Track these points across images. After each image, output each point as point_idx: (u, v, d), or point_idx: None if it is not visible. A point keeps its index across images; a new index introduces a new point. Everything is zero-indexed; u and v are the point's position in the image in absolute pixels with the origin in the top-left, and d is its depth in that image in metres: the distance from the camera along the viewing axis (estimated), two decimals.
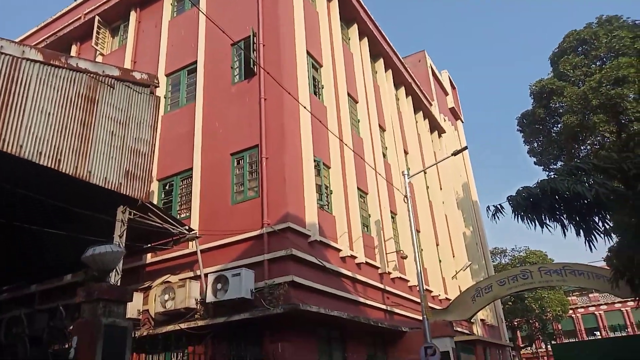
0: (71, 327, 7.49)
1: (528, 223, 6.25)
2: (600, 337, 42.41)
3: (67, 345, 7.20)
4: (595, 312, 49.99)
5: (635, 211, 6.45)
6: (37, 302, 16.16)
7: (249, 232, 12.72)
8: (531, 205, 6.17)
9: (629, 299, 19.22)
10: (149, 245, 13.13)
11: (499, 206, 6.43)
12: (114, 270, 9.78)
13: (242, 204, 13.49)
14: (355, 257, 15.03)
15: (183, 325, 11.69)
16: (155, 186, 15.02)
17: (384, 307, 15.87)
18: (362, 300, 14.60)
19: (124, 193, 10.92)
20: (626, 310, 47.37)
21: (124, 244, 10.61)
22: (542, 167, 21.57)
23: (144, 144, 11.63)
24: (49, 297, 15.93)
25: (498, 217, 6.35)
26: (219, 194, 13.83)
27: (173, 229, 12.34)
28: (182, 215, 14.25)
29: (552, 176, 7.44)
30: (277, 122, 13.62)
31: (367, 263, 15.60)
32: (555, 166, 20.16)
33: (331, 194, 15.29)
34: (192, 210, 14.06)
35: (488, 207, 6.43)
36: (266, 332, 11.52)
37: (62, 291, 13.47)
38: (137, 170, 11.35)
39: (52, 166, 9.45)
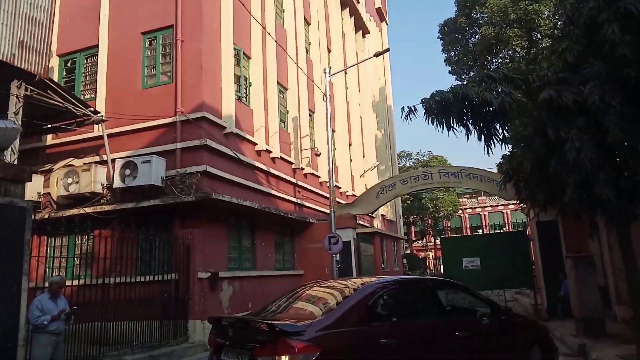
0: None
1: (437, 125, 6.58)
2: (481, 233, 47.91)
3: None
4: (481, 213, 55.88)
5: (532, 121, 7.01)
6: None
7: (161, 119, 12.20)
8: (442, 108, 6.45)
9: (512, 202, 21.64)
10: (49, 125, 12.19)
11: (412, 107, 6.66)
12: (10, 149, 9.05)
13: (154, 88, 12.75)
14: (270, 152, 15.15)
15: (88, 210, 11.37)
16: (55, 62, 13.62)
17: (294, 200, 16.48)
18: (274, 192, 15.00)
19: (19, 66, 9.81)
20: (506, 212, 53.41)
21: (19, 122, 9.77)
22: (456, 76, 22.38)
23: (41, 11, 10.31)
24: None
25: (410, 118, 6.62)
26: (128, 76, 12.90)
27: (76, 109, 11.48)
28: (86, 97, 13.23)
29: (465, 83, 7.78)
30: (195, 2, 12.59)
31: (281, 158, 15.83)
32: (467, 76, 20.98)
33: (250, 86, 14.88)
34: (98, 91, 13.07)
35: (403, 107, 6.63)
36: (177, 218, 11.59)
37: None
38: (34, 42, 10.16)
39: None
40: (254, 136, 14.36)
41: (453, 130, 6.70)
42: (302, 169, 17.44)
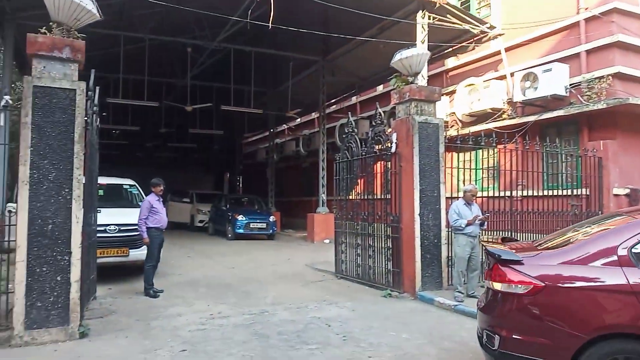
0: (389, 130, 8.40)
1: None
2: None
3: (387, 145, 8.18)
4: None
5: None
6: (359, 111, 18.74)
7: (560, 21, 11.11)
8: None
9: None
10: (450, 49, 13.02)
11: None
12: (420, 75, 10.18)
13: None
14: None
15: (491, 125, 11.75)
16: None
17: None
18: None
19: None
20: None
21: (426, 49, 10.80)
22: None
23: None
24: (367, 106, 18.19)
25: None
26: None
27: (473, 28, 11.82)
28: (481, 14, 13.35)
29: None
30: None
31: None
32: None
33: None
34: (492, 5, 12.99)
35: None
36: (584, 129, 10.57)
37: (376, 100, 15.08)
38: None
39: None
40: None
41: None
42: None
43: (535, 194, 9.41)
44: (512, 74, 11.69)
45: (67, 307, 5.06)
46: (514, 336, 3.35)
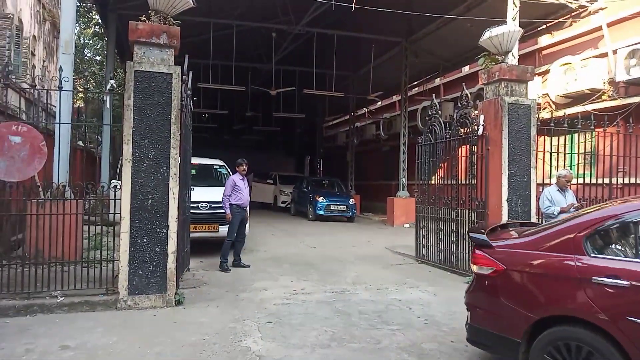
0: (475, 112, 8.07)
1: None
2: None
3: (473, 127, 7.88)
4: None
5: None
6: (443, 93, 18.19)
7: None
8: None
9: None
10: (544, 26, 12.21)
11: None
12: (510, 54, 9.66)
13: None
14: None
15: (588, 107, 10.93)
16: None
17: None
18: None
19: None
20: None
21: (517, 26, 10.21)
22: None
23: None
24: (451, 88, 17.61)
25: None
26: None
27: (570, 3, 10.97)
28: None
29: None
30: None
31: None
32: None
33: None
34: None
35: None
36: None
37: (461, 82, 14.52)
38: None
39: None
40: None
41: None
42: None
43: (639, 181, 8.67)
44: (614, 52, 10.75)
45: (164, 276, 5.48)
46: (480, 312, 3.82)
